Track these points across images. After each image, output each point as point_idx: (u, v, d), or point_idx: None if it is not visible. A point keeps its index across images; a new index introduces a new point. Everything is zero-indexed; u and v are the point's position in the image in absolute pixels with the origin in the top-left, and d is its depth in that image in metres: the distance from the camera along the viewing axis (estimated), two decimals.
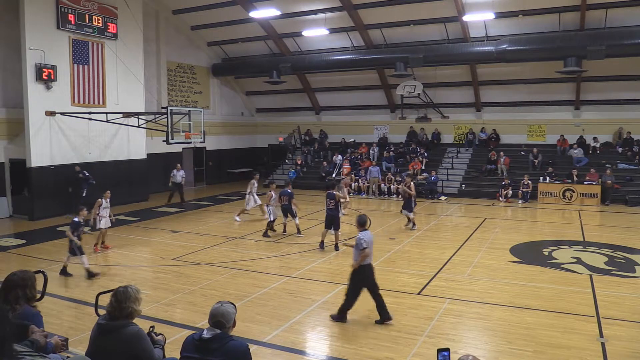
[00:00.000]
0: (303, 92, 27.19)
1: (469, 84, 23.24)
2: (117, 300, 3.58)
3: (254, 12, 20.98)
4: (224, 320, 3.58)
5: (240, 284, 9.30)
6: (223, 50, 26.41)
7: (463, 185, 21.54)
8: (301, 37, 23.57)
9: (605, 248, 11.80)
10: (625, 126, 21.15)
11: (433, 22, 20.89)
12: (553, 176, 19.82)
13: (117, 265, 10.95)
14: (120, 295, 3.60)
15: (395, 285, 9.14)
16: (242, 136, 28.68)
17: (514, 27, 19.82)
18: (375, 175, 21.65)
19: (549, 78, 21.05)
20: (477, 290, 8.78)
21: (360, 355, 6.26)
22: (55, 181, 16.80)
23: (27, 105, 16.03)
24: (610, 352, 6.23)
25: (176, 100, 24.00)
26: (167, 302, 8.35)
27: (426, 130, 25.08)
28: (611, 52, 17.26)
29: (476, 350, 6.25)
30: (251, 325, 7.16)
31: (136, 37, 19.62)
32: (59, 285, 9.35)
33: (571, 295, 8.52)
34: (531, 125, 23.25)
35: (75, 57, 17.40)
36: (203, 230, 14.43)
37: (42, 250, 12.29)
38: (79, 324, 7.24)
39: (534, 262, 10.64)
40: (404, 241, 12.80)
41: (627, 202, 18.28)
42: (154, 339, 3.80)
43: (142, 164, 20.23)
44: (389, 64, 22.13)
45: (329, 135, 27.32)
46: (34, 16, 15.99)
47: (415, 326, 7.15)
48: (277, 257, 11.42)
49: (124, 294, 3.59)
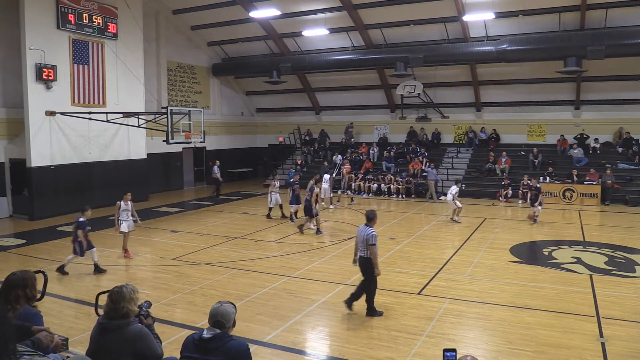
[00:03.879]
0: (303, 92, 27.20)
1: (469, 84, 23.25)
2: (112, 301, 3.59)
3: (254, 12, 20.98)
4: (223, 320, 3.58)
5: (240, 284, 9.30)
6: (223, 50, 26.41)
7: (463, 185, 21.50)
8: (301, 37, 23.57)
9: (605, 248, 11.80)
10: (625, 126, 21.14)
11: (433, 22, 20.89)
12: (553, 176, 19.82)
13: (117, 265, 10.95)
14: (115, 295, 3.60)
15: (395, 285, 9.15)
16: (242, 136, 28.69)
17: (514, 27, 19.83)
18: (432, 178, 20.13)
19: (549, 78, 21.05)
20: (477, 290, 8.79)
21: (360, 355, 6.26)
22: (55, 181, 16.81)
23: (27, 105, 16.04)
24: (610, 352, 6.23)
25: (176, 100, 24.00)
26: (167, 302, 8.35)
27: (426, 130, 25.09)
28: (611, 52, 17.26)
29: (476, 350, 6.25)
30: (251, 325, 7.16)
31: (136, 37, 19.63)
32: (59, 285, 9.35)
33: (571, 295, 8.52)
34: (531, 125, 23.25)
35: (75, 57, 17.41)
36: (203, 230, 14.43)
37: (42, 250, 12.30)
38: (79, 324, 7.24)
39: (534, 262, 10.65)
40: (403, 241, 12.80)
41: (627, 202, 18.28)
42: (142, 321, 3.77)
43: (142, 163, 20.23)
44: (389, 64, 22.14)
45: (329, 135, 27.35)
46: (34, 16, 15.99)
47: (415, 326, 7.15)
48: (277, 257, 11.42)
49: (119, 295, 3.60)
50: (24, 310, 3.61)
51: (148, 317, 3.90)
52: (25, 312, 3.61)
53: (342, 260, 11.17)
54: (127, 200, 11.50)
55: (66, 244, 12.53)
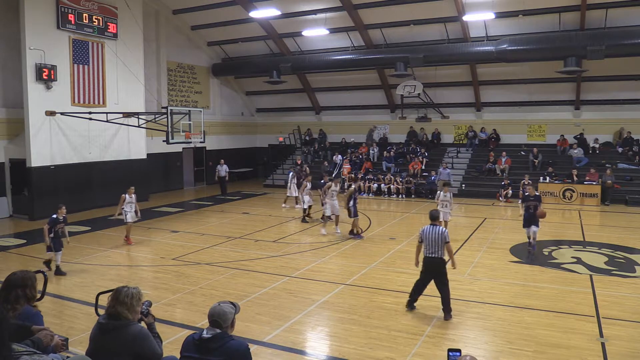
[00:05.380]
0: (303, 92, 27.20)
1: (469, 84, 23.25)
2: (111, 302, 3.60)
3: (254, 12, 20.98)
4: (220, 320, 3.57)
5: (240, 284, 9.30)
6: (223, 50, 26.41)
7: (463, 185, 21.54)
8: (301, 37, 23.57)
9: (605, 248, 11.80)
10: (626, 126, 21.14)
11: (433, 22, 20.89)
12: (553, 176, 19.82)
13: (117, 265, 10.95)
14: (113, 296, 3.62)
15: (395, 285, 9.15)
16: (242, 136, 28.69)
17: (514, 27, 19.83)
18: (445, 178, 19.87)
19: (549, 78, 21.05)
20: (477, 290, 8.79)
21: (360, 355, 6.26)
22: (55, 181, 16.81)
23: (27, 105, 16.03)
24: (610, 352, 6.23)
25: (176, 100, 24.00)
26: (167, 302, 8.35)
27: (426, 130, 25.09)
28: (611, 52, 17.26)
29: (476, 350, 6.24)
30: (251, 325, 7.16)
31: (136, 37, 19.63)
32: (59, 285, 9.35)
33: (571, 295, 8.52)
34: (531, 125, 23.25)
35: (75, 57, 17.41)
36: (203, 230, 14.43)
37: (42, 250, 12.21)
38: (79, 324, 7.24)
39: (534, 262, 10.64)
40: (403, 241, 12.79)
41: (627, 202, 18.28)
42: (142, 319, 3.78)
43: (142, 163, 20.23)
44: (389, 64, 22.14)
45: (327, 135, 27.34)
46: (34, 16, 15.99)
47: (415, 326, 7.15)
48: (277, 257, 11.42)
49: (116, 295, 3.61)
50: (24, 310, 3.61)
51: (148, 316, 3.90)
52: (25, 312, 3.62)
53: (342, 260, 11.18)
54: (131, 194, 12.44)
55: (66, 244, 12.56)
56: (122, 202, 12.47)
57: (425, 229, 7.60)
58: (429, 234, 7.49)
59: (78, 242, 13.07)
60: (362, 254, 11.57)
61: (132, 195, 12.57)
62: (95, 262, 11.06)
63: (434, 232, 7.47)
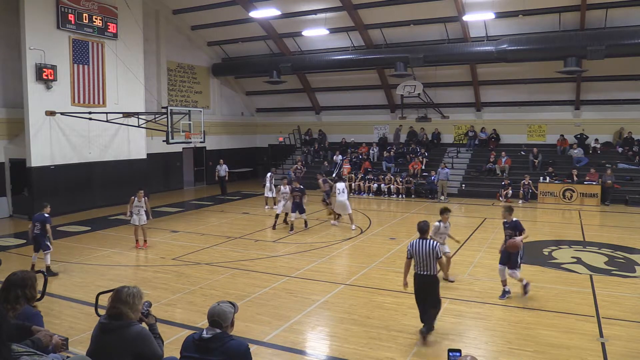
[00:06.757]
0: (303, 92, 27.19)
1: (469, 84, 23.25)
2: (111, 301, 3.60)
3: (254, 12, 20.98)
4: (219, 319, 3.57)
5: (240, 284, 9.30)
6: (223, 50, 26.41)
7: (463, 185, 21.54)
8: (301, 37, 23.57)
9: (605, 248, 11.79)
10: (626, 126, 21.14)
11: (433, 22, 20.89)
12: (553, 176, 19.82)
13: (117, 265, 10.95)
14: (114, 296, 3.61)
15: (395, 285, 9.13)
16: (242, 136, 28.69)
17: (514, 27, 19.83)
18: (443, 177, 20.46)
19: (549, 78, 21.05)
20: (477, 290, 8.79)
21: (360, 355, 6.26)
22: (56, 181, 16.80)
23: (27, 105, 16.03)
24: (610, 352, 6.23)
25: (176, 100, 24.00)
26: (167, 302, 8.35)
27: (426, 130, 25.08)
28: (611, 52, 17.25)
29: (476, 350, 6.24)
30: (251, 325, 7.16)
31: (136, 37, 19.62)
32: (59, 285, 9.35)
33: (571, 295, 8.52)
34: (531, 125, 23.25)
35: (76, 57, 17.40)
36: (203, 230, 14.43)
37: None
38: (79, 324, 7.24)
39: (534, 262, 10.64)
40: (403, 241, 12.79)
41: (627, 202, 18.27)
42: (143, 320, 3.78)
43: (142, 163, 20.23)
44: (389, 64, 22.14)
45: (327, 135, 27.33)
46: (34, 16, 15.98)
47: (415, 326, 7.14)
48: (277, 257, 11.42)
49: (116, 295, 3.60)
50: (24, 310, 3.62)
51: (149, 316, 3.90)
52: (25, 312, 3.62)
53: (342, 260, 11.19)
54: (140, 198, 12.30)
55: (66, 244, 12.59)
56: (131, 204, 12.31)
57: (414, 244, 6.73)
58: (418, 249, 6.65)
59: (78, 242, 13.10)
60: (362, 254, 11.58)
61: (141, 200, 12.25)
62: (95, 262, 11.06)
63: (425, 246, 6.61)
